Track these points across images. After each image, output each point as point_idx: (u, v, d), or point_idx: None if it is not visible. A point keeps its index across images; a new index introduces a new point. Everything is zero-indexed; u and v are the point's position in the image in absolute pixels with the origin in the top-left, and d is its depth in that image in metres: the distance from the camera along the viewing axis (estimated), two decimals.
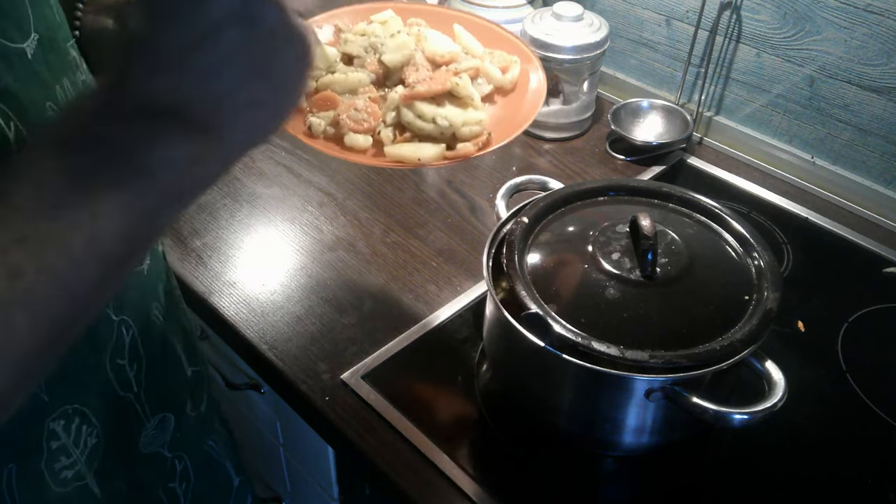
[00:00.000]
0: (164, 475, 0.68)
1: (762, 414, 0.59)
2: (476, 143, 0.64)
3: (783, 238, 0.98)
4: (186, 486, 0.71)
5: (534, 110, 0.67)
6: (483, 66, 0.69)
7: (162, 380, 0.65)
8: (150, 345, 0.63)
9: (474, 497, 0.69)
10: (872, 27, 0.94)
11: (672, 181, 1.07)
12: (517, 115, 0.68)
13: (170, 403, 0.67)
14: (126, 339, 0.59)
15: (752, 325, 0.64)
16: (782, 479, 0.72)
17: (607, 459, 0.74)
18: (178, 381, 0.69)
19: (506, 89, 0.71)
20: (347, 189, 1.04)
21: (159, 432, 0.66)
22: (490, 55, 0.72)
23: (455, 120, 0.64)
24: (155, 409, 0.64)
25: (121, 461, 0.61)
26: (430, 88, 0.64)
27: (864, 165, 1.02)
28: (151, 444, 0.65)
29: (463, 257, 0.94)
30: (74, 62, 0.55)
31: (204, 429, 0.74)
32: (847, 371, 0.81)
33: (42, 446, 0.53)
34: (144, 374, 0.62)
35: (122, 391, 0.60)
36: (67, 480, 0.56)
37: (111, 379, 0.58)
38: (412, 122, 0.64)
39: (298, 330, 0.84)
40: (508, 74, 0.71)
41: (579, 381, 0.67)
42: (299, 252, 0.94)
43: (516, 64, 0.71)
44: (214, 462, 0.76)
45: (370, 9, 0.75)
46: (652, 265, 0.67)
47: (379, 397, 0.76)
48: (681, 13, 1.11)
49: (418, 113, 0.64)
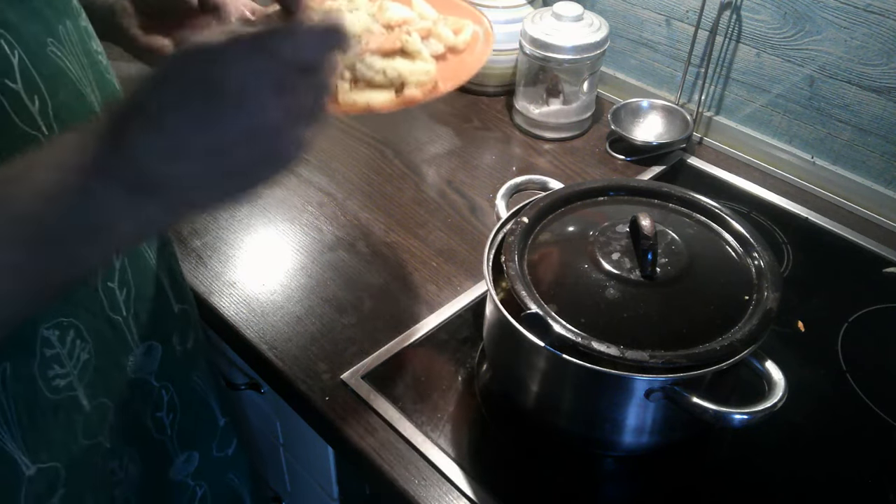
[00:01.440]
0: (152, 403, 0.70)
1: (762, 414, 0.59)
2: (423, 90, 0.68)
3: (783, 238, 0.98)
4: (174, 418, 0.74)
5: (480, 61, 0.71)
6: (435, 28, 0.73)
7: (150, 309, 0.67)
8: (139, 275, 0.65)
9: (474, 497, 0.69)
10: (872, 27, 0.94)
11: (672, 181, 1.07)
12: (465, 68, 0.72)
13: (157, 333, 0.69)
14: (116, 263, 0.62)
15: (752, 325, 0.64)
16: (782, 479, 0.72)
17: (607, 459, 0.74)
18: (165, 313, 0.71)
19: (458, 49, 0.74)
20: (347, 189, 1.04)
21: (147, 359, 0.68)
22: (444, 20, 0.75)
23: (403, 70, 0.68)
24: (143, 336, 0.67)
25: (109, 381, 0.63)
26: (381, 45, 0.69)
27: (864, 165, 1.02)
28: (140, 370, 0.67)
29: (463, 257, 0.94)
30: (77, 9, 0.58)
31: (190, 364, 0.76)
32: (847, 371, 0.81)
33: (35, 351, 0.55)
34: (133, 301, 0.64)
35: (113, 313, 0.62)
36: (59, 389, 0.58)
37: (102, 299, 0.61)
38: (364, 74, 0.68)
39: (298, 330, 0.84)
40: (460, 36, 0.74)
41: (579, 381, 0.67)
42: (299, 252, 0.94)
43: (469, 26, 0.75)
44: (200, 398, 0.79)
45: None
46: (652, 265, 0.67)
47: (379, 397, 0.76)
48: (681, 13, 1.11)
49: (369, 65, 0.68)
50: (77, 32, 0.57)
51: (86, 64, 0.58)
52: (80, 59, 0.57)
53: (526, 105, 1.15)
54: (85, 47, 0.58)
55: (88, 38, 0.59)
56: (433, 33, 0.73)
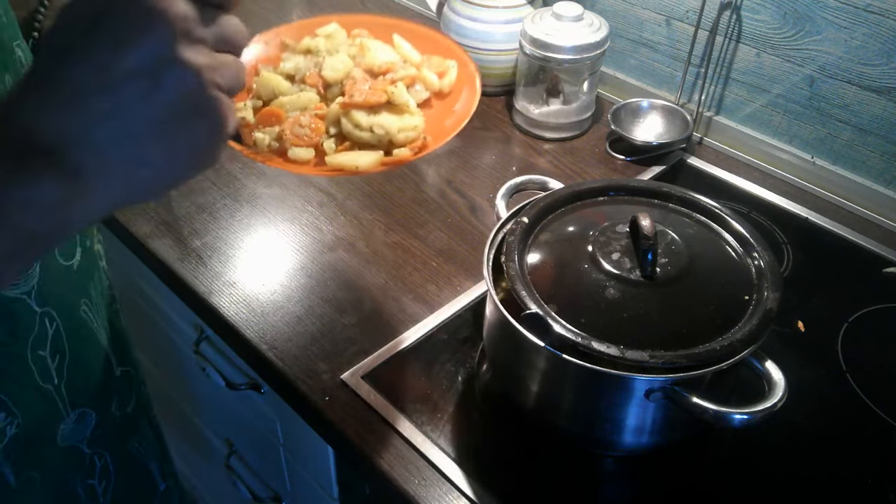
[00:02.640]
0: (83, 471, 0.68)
1: (762, 414, 0.59)
2: (413, 147, 0.66)
3: (783, 238, 0.98)
4: (107, 485, 0.71)
5: (466, 114, 0.69)
6: (420, 73, 0.71)
7: (85, 375, 0.65)
8: (76, 340, 0.63)
9: (474, 497, 0.69)
10: (872, 27, 0.94)
11: (672, 181, 1.07)
12: (452, 119, 0.69)
13: (92, 400, 0.67)
14: (49, 330, 0.60)
15: (752, 325, 0.64)
16: (782, 479, 0.72)
17: (607, 459, 0.74)
18: (104, 379, 0.69)
19: (443, 93, 0.72)
20: (347, 189, 1.04)
21: (78, 427, 0.66)
22: (427, 61, 0.73)
23: (391, 127, 0.66)
24: (75, 403, 0.65)
25: (38, 452, 0.62)
26: (366, 99, 0.67)
27: (864, 165, 1.02)
28: (69, 437, 0.65)
29: (463, 257, 0.94)
30: (20, 61, 0.55)
31: (129, 429, 0.74)
32: (847, 371, 0.81)
33: None
34: (66, 368, 0.62)
35: (44, 382, 0.60)
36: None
37: (32, 369, 0.59)
38: (351, 132, 0.66)
39: (298, 330, 0.84)
40: (445, 79, 0.72)
41: (579, 381, 0.67)
42: (299, 252, 0.94)
43: (453, 68, 0.73)
44: (138, 463, 0.76)
45: (316, 23, 0.76)
46: (652, 265, 0.67)
47: (379, 397, 0.76)
48: (681, 13, 1.11)
49: (356, 123, 0.66)
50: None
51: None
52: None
53: (526, 105, 1.15)
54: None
55: None
56: (418, 78, 0.72)
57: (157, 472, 0.80)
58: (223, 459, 1.25)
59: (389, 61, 0.71)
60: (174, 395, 1.37)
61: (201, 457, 1.44)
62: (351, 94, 0.67)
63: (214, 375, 1.02)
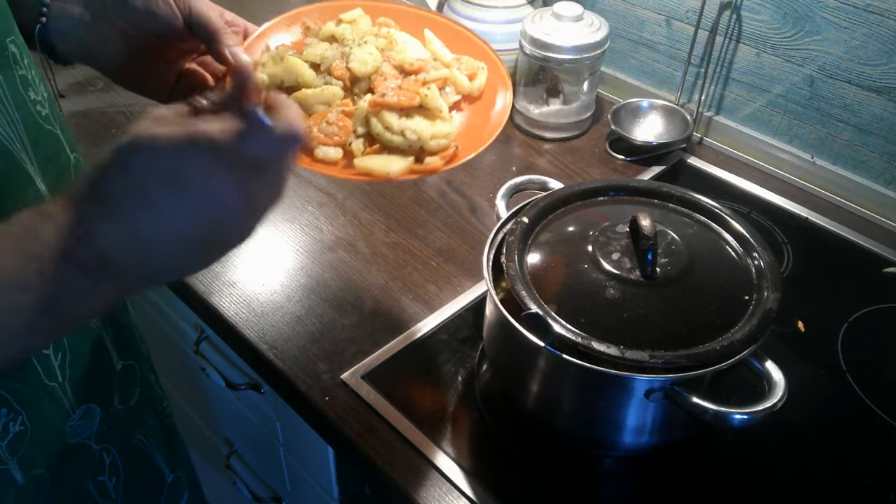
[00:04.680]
0: (93, 468, 0.69)
1: (762, 414, 0.59)
2: (443, 156, 0.64)
3: (783, 238, 0.98)
4: (117, 480, 0.72)
5: (499, 125, 0.67)
6: (452, 75, 0.69)
7: (87, 371, 0.66)
8: (74, 337, 0.64)
9: (474, 497, 0.69)
10: (872, 27, 0.94)
11: (672, 181, 1.07)
12: (484, 128, 0.67)
13: (95, 395, 0.67)
14: None
15: (752, 325, 0.64)
16: (782, 479, 0.72)
17: (607, 459, 0.74)
18: (105, 373, 0.69)
19: (473, 97, 0.70)
20: (347, 189, 1.04)
21: (85, 423, 0.66)
22: (458, 61, 0.70)
23: (423, 133, 0.64)
24: (79, 399, 0.65)
25: (46, 450, 0.62)
26: (399, 101, 0.64)
27: (864, 165, 1.02)
28: (77, 434, 0.66)
29: (463, 257, 0.94)
30: (13, 57, 0.56)
31: (134, 423, 0.74)
32: (847, 371, 0.81)
33: None
34: (69, 364, 0.63)
35: (49, 380, 0.61)
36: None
37: (36, 367, 0.59)
38: (381, 134, 0.64)
39: (298, 330, 0.84)
40: (476, 82, 0.70)
41: (579, 381, 0.67)
42: (299, 252, 0.94)
43: (483, 71, 0.70)
44: (144, 456, 0.77)
45: (339, 6, 0.73)
46: (652, 265, 0.67)
47: (379, 397, 0.76)
48: (681, 13, 1.11)
49: (387, 125, 0.64)
50: (9, 85, 0.54)
51: (16, 118, 0.55)
52: (10, 114, 0.55)
53: (526, 105, 1.15)
54: (18, 99, 0.56)
55: (25, 88, 0.57)
56: (449, 80, 0.69)
57: (164, 463, 0.80)
58: (223, 459, 1.25)
59: (421, 59, 0.68)
60: (174, 394, 1.37)
61: (201, 457, 1.43)
62: (382, 92, 0.64)
63: (214, 375, 1.02)
